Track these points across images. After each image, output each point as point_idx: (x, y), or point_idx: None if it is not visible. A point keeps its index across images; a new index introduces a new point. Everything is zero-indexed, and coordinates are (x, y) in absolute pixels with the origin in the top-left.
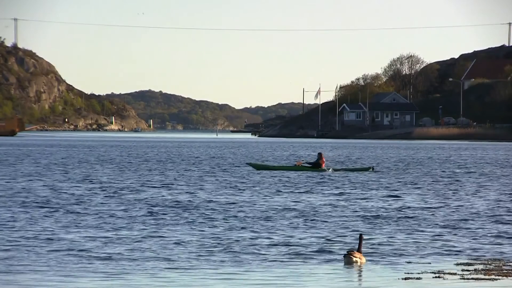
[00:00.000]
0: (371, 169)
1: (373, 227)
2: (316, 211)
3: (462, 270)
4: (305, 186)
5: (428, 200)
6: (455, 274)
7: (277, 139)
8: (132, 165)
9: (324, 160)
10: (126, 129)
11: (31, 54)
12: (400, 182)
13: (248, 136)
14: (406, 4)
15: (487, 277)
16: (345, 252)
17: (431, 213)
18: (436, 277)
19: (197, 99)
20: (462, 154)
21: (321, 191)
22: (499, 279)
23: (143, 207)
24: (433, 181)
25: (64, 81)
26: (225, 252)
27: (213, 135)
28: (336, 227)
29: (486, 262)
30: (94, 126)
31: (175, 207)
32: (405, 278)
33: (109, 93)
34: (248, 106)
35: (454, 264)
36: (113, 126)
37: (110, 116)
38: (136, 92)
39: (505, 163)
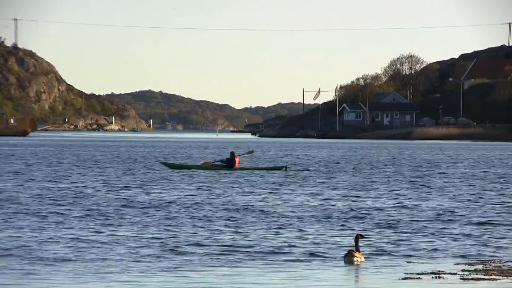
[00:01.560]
0: (283, 168)
1: (373, 227)
2: (311, 210)
3: (462, 270)
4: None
5: (428, 200)
6: (455, 274)
7: (277, 139)
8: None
9: (237, 159)
10: (126, 129)
11: (31, 54)
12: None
13: (248, 136)
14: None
15: (487, 277)
16: (346, 252)
17: (431, 213)
18: (436, 277)
19: (197, 99)
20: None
21: (308, 190)
22: (499, 279)
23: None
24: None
25: (64, 81)
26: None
27: (213, 135)
28: (335, 227)
29: (486, 262)
30: (94, 126)
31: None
32: (405, 278)
33: (109, 93)
34: (248, 106)
35: (454, 264)
36: (113, 126)
37: (110, 116)
38: (136, 92)
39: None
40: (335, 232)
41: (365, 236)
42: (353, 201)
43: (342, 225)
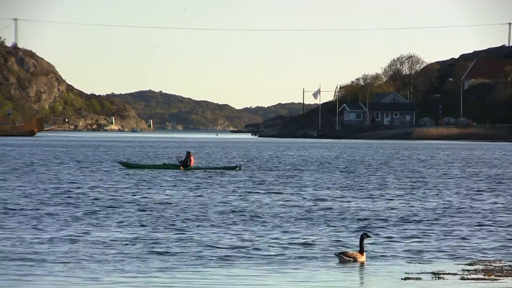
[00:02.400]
0: (237, 168)
1: (372, 227)
2: (310, 211)
3: (462, 270)
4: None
5: (428, 200)
6: (455, 274)
7: (277, 139)
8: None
9: (192, 159)
10: (126, 129)
11: (31, 54)
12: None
13: (248, 136)
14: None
15: (487, 277)
16: (337, 252)
17: (431, 213)
18: (436, 277)
19: (197, 99)
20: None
21: (316, 190)
22: (499, 279)
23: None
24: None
25: (64, 81)
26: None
27: (213, 135)
28: (335, 227)
29: (486, 262)
30: (94, 126)
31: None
32: (405, 278)
33: (109, 93)
34: (248, 106)
35: (454, 264)
36: (113, 126)
37: (110, 116)
38: (136, 92)
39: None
40: (335, 232)
41: (371, 236)
42: (348, 201)
43: (343, 226)
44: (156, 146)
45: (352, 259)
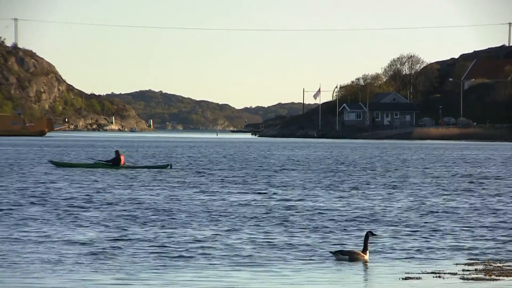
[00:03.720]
0: (169, 167)
1: (373, 227)
2: (311, 211)
3: (462, 270)
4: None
5: (427, 201)
6: (455, 274)
7: (277, 139)
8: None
9: (122, 157)
10: (126, 129)
11: (31, 54)
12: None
13: (248, 136)
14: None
15: (487, 277)
16: (333, 250)
17: (431, 214)
18: (436, 277)
19: (197, 99)
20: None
21: (311, 189)
22: (499, 279)
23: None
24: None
25: (64, 81)
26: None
27: (213, 135)
28: (335, 227)
29: (486, 262)
30: (94, 126)
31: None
32: (405, 278)
33: (109, 93)
34: (248, 106)
35: (454, 264)
36: (113, 126)
37: (110, 116)
38: (136, 92)
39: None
40: (336, 232)
41: (376, 234)
42: (348, 201)
43: (344, 226)
44: (147, 146)
45: (347, 256)
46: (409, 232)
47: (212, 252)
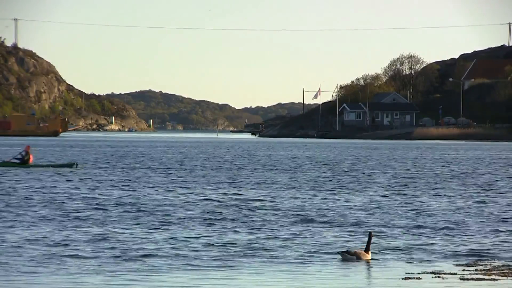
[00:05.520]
0: (74, 166)
1: (373, 227)
2: (310, 211)
3: (462, 270)
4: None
5: (427, 200)
6: (455, 274)
7: (277, 139)
8: None
9: (31, 156)
10: (126, 129)
11: (31, 54)
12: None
13: (248, 136)
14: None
15: (487, 277)
16: (340, 251)
17: (431, 214)
18: (436, 277)
19: (197, 99)
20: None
21: (310, 190)
22: (499, 279)
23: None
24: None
25: (64, 81)
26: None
27: (213, 135)
28: (335, 227)
29: (486, 262)
30: (94, 126)
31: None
32: (405, 278)
33: (109, 93)
34: (248, 106)
35: (454, 264)
36: (113, 126)
37: (110, 116)
38: (136, 92)
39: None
40: (336, 232)
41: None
42: (337, 200)
43: (345, 226)
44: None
45: (355, 257)
46: (409, 232)
47: (231, 252)
